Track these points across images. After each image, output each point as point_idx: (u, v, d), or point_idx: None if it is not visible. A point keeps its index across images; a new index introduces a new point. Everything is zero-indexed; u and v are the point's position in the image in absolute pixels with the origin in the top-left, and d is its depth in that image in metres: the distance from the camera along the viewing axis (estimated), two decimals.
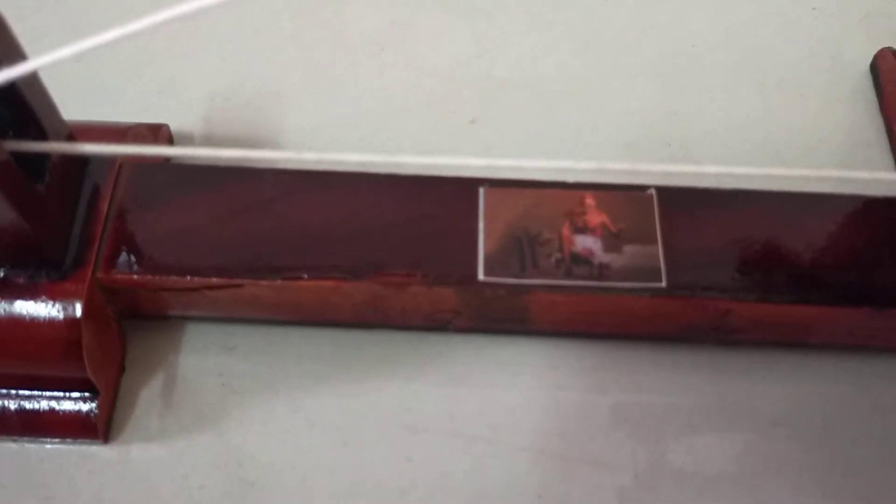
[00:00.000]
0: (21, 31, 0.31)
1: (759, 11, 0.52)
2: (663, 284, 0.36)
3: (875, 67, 0.49)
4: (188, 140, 0.46)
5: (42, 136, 0.34)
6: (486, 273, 0.36)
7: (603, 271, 0.37)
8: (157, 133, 0.43)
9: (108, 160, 0.38)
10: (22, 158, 0.32)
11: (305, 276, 0.36)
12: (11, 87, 0.31)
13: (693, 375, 0.40)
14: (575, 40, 0.50)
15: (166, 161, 0.41)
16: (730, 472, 0.38)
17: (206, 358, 0.40)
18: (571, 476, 0.38)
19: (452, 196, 0.38)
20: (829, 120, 0.49)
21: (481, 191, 0.38)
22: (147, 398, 0.39)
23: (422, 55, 0.49)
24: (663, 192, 0.38)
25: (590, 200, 0.38)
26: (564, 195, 0.38)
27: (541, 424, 0.39)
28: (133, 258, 0.36)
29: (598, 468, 0.38)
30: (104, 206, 0.37)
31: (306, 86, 0.48)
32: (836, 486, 0.38)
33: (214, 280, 0.36)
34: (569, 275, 0.37)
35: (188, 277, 0.36)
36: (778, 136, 0.48)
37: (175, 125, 0.45)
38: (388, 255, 0.37)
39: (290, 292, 0.37)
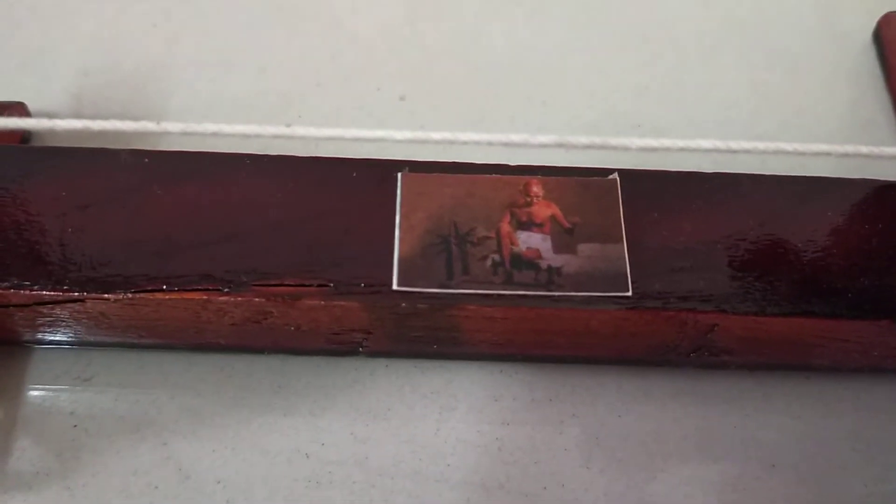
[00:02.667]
0: None
1: None
2: (629, 293, 0.28)
3: (878, 36, 0.42)
4: (54, 116, 0.37)
5: None
6: (402, 281, 0.28)
7: (553, 277, 0.29)
8: (12, 113, 0.35)
9: None
10: None
11: (165, 287, 0.28)
12: None
13: (670, 406, 0.33)
14: (525, 4, 0.42)
15: (22, 142, 0.32)
16: None
17: (55, 392, 0.32)
18: None
19: (361, 183, 0.30)
20: (826, 97, 0.41)
21: (399, 176, 0.30)
22: None
23: (339, 21, 0.41)
24: (629, 176, 0.30)
25: (536, 188, 0.30)
26: (505, 182, 0.30)
27: (479, 471, 0.31)
28: None
29: None
30: None
31: (198, 58, 0.40)
32: None
33: (47, 293, 0.28)
34: (509, 282, 0.29)
35: (14, 290, 0.28)
36: (766, 115, 0.40)
37: (37, 105, 0.37)
38: (275, 260, 0.28)
39: (149, 308, 0.28)
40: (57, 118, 0.33)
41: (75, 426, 0.31)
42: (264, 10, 0.41)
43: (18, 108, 0.36)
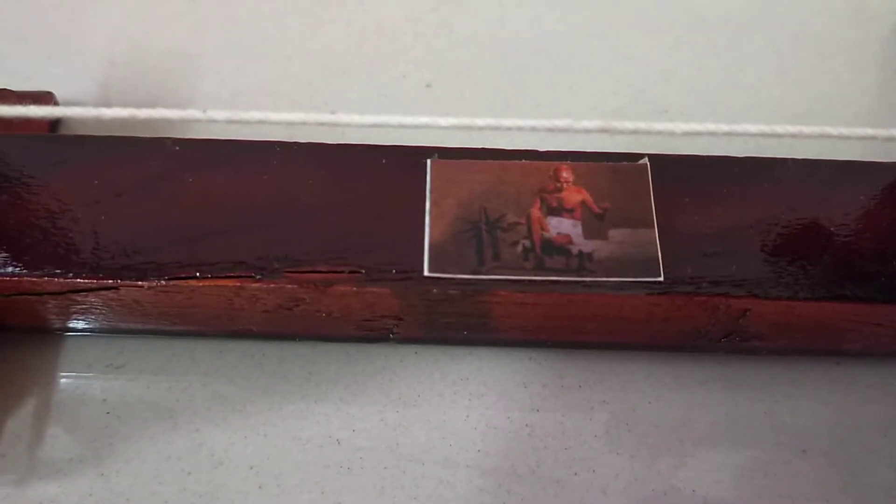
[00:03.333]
0: None
1: None
2: (661, 279, 0.28)
3: None
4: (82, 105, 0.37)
5: None
6: (434, 267, 0.28)
7: (584, 263, 0.29)
8: (42, 103, 0.35)
9: None
10: None
11: (198, 274, 0.28)
12: None
13: (700, 393, 0.33)
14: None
15: (50, 132, 0.33)
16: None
17: (88, 380, 0.32)
18: None
19: (392, 170, 0.30)
20: (854, 82, 0.41)
21: (429, 162, 0.30)
22: (13, 430, 0.32)
23: (365, 8, 0.41)
24: (660, 161, 0.30)
25: (566, 173, 0.30)
26: (535, 167, 0.30)
27: (509, 457, 0.31)
28: None
29: None
30: None
31: (226, 46, 0.40)
32: None
33: (81, 281, 0.28)
34: (540, 268, 0.29)
35: (48, 278, 0.28)
36: (794, 100, 0.40)
37: (66, 94, 0.37)
38: (307, 247, 0.28)
39: (182, 296, 0.29)
40: (88, 106, 0.33)
41: (108, 413, 0.32)
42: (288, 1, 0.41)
43: (46, 98, 0.36)
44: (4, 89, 0.36)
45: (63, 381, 0.32)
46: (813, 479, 0.31)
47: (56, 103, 0.37)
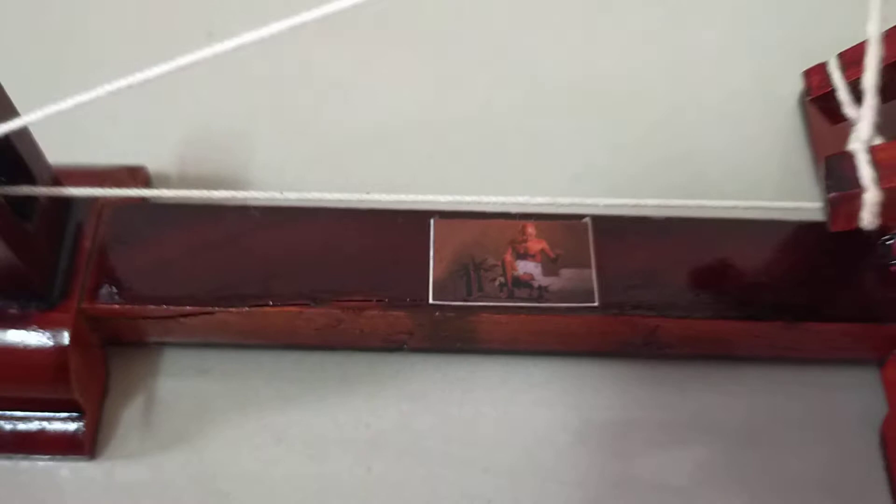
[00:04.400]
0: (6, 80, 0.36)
1: (698, 49, 0.56)
2: (596, 304, 0.40)
3: (802, 102, 0.53)
4: (165, 180, 0.49)
5: (30, 180, 0.38)
6: (436, 297, 0.40)
7: (542, 293, 0.40)
8: (136, 175, 0.47)
9: (90, 201, 0.42)
10: (13, 201, 0.36)
11: (271, 303, 0.40)
12: (4, 139, 0.35)
13: (633, 388, 0.44)
14: (525, 82, 0.54)
15: (143, 200, 0.44)
16: (666, 478, 0.42)
17: (182, 381, 0.44)
18: (519, 486, 0.41)
19: (405, 227, 0.42)
20: (762, 152, 0.52)
21: (432, 222, 0.42)
22: (128, 418, 0.43)
23: (383, 96, 0.53)
24: (597, 220, 0.42)
25: (531, 229, 0.42)
26: (508, 225, 0.42)
27: (491, 437, 0.43)
28: (114, 289, 0.40)
29: (542, 478, 0.42)
30: (87, 243, 0.41)
31: (275, 125, 0.52)
32: (763, 487, 0.42)
33: (188, 308, 0.40)
34: (511, 297, 0.40)
35: (164, 306, 0.40)
36: (714, 168, 0.51)
37: (152, 166, 0.49)
38: (347, 283, 0.40)
39: (258, 318, 0.40)
40: (170, 177, 0.45)
41: (198, 405, 0.43)
42: (325, 88, 0.53)
43: (142, 170, 0.48)
44: (108, 167, 0.47)
45: (164, 381, 0.44)
46: (715, 454, 0.43)
47: (147, 174, 0.49)
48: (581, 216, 0.42)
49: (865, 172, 0.27)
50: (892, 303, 0.41)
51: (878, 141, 0.29)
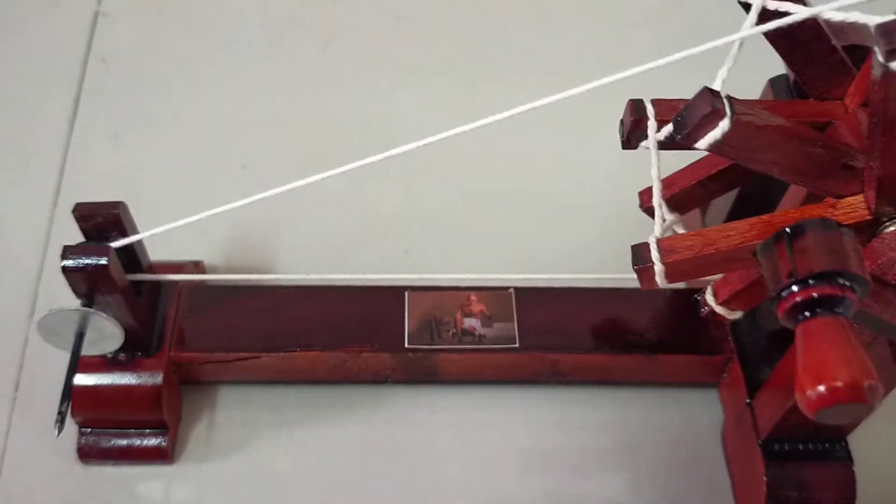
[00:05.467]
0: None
1: (595, 168, 0.76)
2: (517, 345, 0.60)
3: None
4: (215, 268, 0.69)
5: (139, 270, 0.57)
6: (410, 343, 0.60)
7: (481, 339, 0.60)
8: (198, 266, 0.67)
9: (173, 283, 0.61)
10: (132, 283, 0.55)
11: (298, 349, 0.59)
12: (129, 246, 0.55)
13: (546, 407, 0.63)
14: (472, 194, 0.75)
15: (204, 282, 0.64)
16: (558, 458, 0.61)
17: (232, 410, 0.63)
18: (493, 473, 0.61)
19: (389, 297, 0.62)
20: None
21: (406, 294, 0.62)
22: (196, 435, 0.62)
23: (370, 204, 0.73)
24: (518, 290, 0.62)
25: (473, 297, 0.62)
26: (458, 295, 0.62)
27: (448, 438, 0.62)
28: (192, 343, 0.59)
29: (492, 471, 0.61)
30: (172, 311, 0.60)
31: (295, 228, 0.71)
32: (637, 476, 0.61)
33: (242, 354, 0.59)
34: (461, 342, 0.60)
35: (225, 353, 0.59)
36: (596, 253, 0.71)
37: (207, 260, 0.69)
38: (349, 335, 0.60)
39: (288, 361, 0.60)
40: (219, 265, 0.65)
41: (244, 426, 0.62)
42: (329, 200, 0.73)
43: (202, 263, 0.67)
44: (182, 261, 0.66)
45: (220, 410, 0.63)
46: (615, 472, 0.62)
47: (204, 265, 0.68)
48: (507, 288, 0.62)
49: (654, 254, 0.47)
50: (715, 340, 0.61)
51: (668, 234, 0.49)
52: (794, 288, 0.35)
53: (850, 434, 0.57)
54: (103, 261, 0.51)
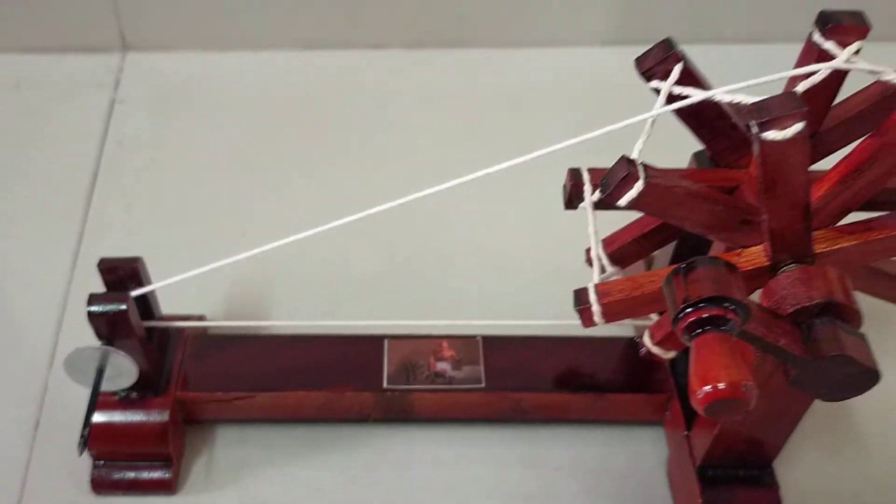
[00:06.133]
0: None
1: (560, 233, 0.85)
2: (483, 385, 0.68)
3: None
4: (217, 320, 0.77)
5: (151, 317, 0.65)
6: (389, 384, 0.68)
7: (451, 381, 0.68)
8: (201, 317, 0.75)
9: (179, 331, 0.69)
10: (145, 329, 0.64)
11: (290, 389, 0.67)
12: (144, 295, 0.63)
13: (506, 445, 0.71)
14: (443, 253, 0.83)
15: (206, 331, 0.72)
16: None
17: (229, 448, 0.70)
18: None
19: (370, 344, 0.70)
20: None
21: (385, 341, 0.70)
22: (197, 469, 0.69)
23: (353, 262, 0.82)
24: (485, 338, 0.71)
25: (445, 344, 0.70)
26: (432, 342, 0.70)
27: (423, 472, 0.69)
28: (195, 384, 0.67)
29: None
30: (178, 356, 0.68)
31: (287, 283, 0.80)
32: None
33: (239, 394, 0.67)
34: (433, 383, 0.68)
35: (225, 393, 0.67)
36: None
37: (209, 312, 0.77)
38: (335, 377, 0.68)
39: (280, 400, 0.67)
40: (220, 316, 0.73)
41: (240, 462, 0.69)
42: (319, 266, 0.82)
43: (204, 316, 0.76)
44: (187, 314, 0.75)
45: (219, 447, 0.70)
46: (564, 490, 0.69)
47: (206, 317, 0.76)
48: (474, 336, 0.71)
49: (592, 297, 0.56)
50: (658, 380, 0.69)
51: (607, 279, 0.58)
52: (689, 310, 0.43)
53: (775, 461, 0.65)
54: (123, 306, 0.59)
